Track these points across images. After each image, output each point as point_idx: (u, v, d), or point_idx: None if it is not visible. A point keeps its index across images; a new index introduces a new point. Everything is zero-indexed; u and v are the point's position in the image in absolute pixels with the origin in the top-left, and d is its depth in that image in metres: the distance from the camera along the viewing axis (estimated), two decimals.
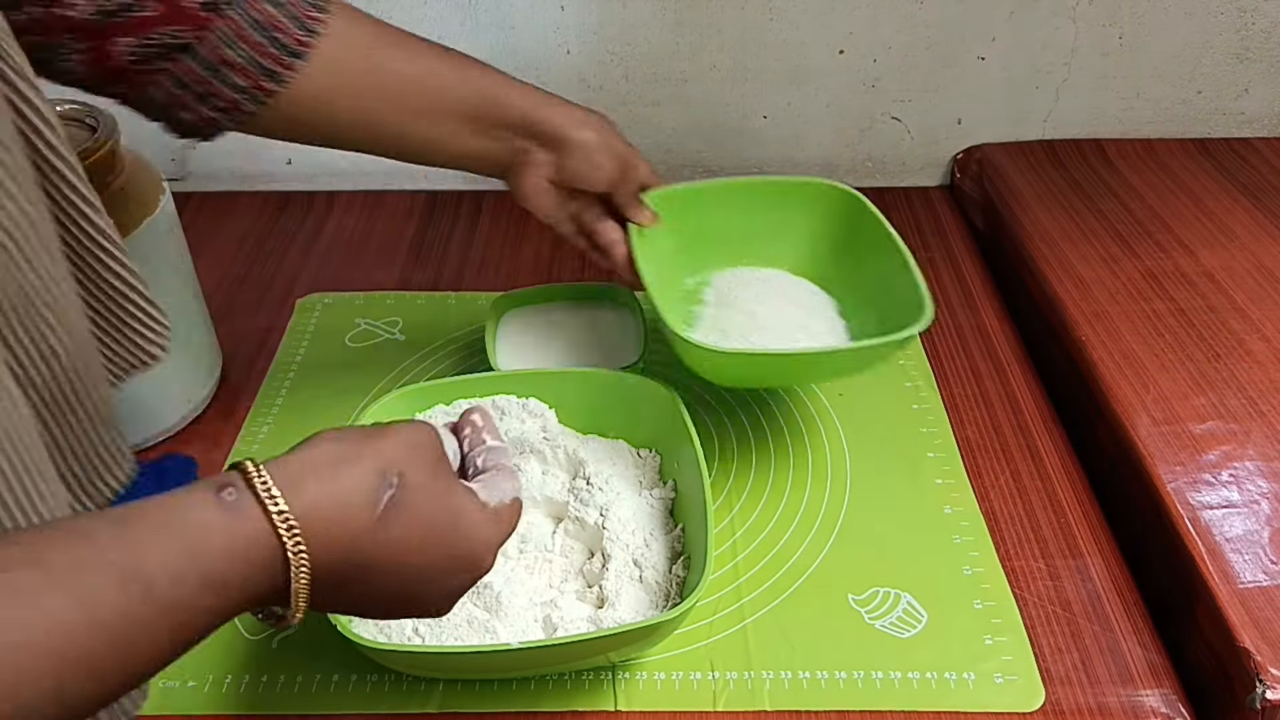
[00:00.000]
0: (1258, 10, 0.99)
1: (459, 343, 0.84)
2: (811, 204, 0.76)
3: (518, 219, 1.02)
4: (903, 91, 1.03)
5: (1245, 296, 0.82)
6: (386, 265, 0.95)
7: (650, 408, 0.69)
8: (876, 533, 0.68)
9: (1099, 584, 0.64)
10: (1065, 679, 0.59)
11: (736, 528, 0.68)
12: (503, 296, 0.80)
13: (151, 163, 0.72)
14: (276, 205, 1.04)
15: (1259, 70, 1.03)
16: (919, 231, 1.00)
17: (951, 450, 0.74)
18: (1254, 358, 0.76)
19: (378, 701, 0.58)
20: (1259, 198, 0.95)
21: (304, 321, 0.87)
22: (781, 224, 0.76)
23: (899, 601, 0.63)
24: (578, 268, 0.94)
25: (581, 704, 0.58)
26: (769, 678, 0.59)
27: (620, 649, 0.56)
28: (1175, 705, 0.57)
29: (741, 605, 0.63)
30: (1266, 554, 0.62)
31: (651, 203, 0.71)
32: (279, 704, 0.58)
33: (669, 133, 1.05)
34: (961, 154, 1.07)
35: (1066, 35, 1.00)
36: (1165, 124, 1.06)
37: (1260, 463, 0.68)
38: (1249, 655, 0.56)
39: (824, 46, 1.00)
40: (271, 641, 0.61)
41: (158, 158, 0.76)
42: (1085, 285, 0.84)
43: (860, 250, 0.74)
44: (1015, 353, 0.83)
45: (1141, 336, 0.78)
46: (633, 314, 0.80)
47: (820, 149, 1.07)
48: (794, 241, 0.77)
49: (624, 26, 0.98)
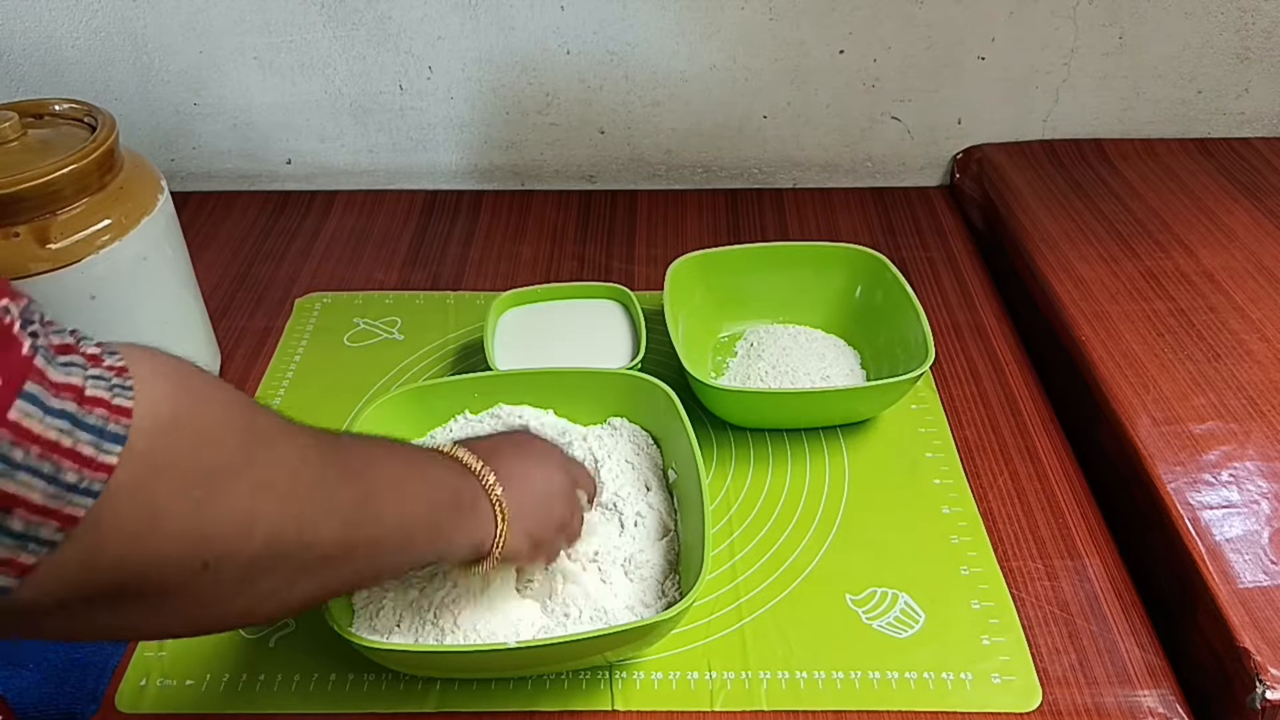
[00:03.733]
0: (1258, 10, 0.99)
1: (458, 342, 0.84)
2: (841, 266, 0.83)
3: (517, 219, 1.02)
4: (903, 91, 1.03)
5: (1245, 296, 0.82)
6: (385, 265, 0.95)
7: (649, 407, 0.69)
8: (874, 533, 0.68)
9: (1097, 584, 0.64)
10: (1063, 679, 0.59)
11: (734, 528, 0.68)
12: (502, 296, 0.80)
13: (150, 162, 0.72)
14: (276, 205, 1.04)
15: (1259, 70, 1.03)
16: (919, 232, 0.99)
17: (950, 450, 0.74)
18: (1254, 358, 0.76)
19: (375, 701, 0.58)
20: (1259, 198, 0.95)
21: (303, 321, 0.87)
22: (812, 284, 0.83)
23: (897, 601, 0.63)
24: (577, 268, 0.94)
25: (579, 704, 0.58)
26: (766, 678, 0.59)
27: (618, 649, 0.56)
28: (1173, 705, 0.57)
29: (739, 605, 0.63)
30: (1266, 554, 0.61)
31: (693, 264, 0.81)
32: (278, 703, 0.58)
33: (669, 133, 1.05)
34: (961, 154, 1.07)
35: (1066, 35, 1.00)
36: (1165, 124, 1.06)
37: (1260, 463, 0.68)
38: (1249, 655, 0.56)
39: (824, 46, 1.00)
40: (270, 641, 0.61)
41: (156, 157, 0.76)
42: (1085, 285, 0.84)
43: (881, 308, 0.80)
44: (1014, 353, 0.83)
45: (1141, 336, 0.78)
46: (631, 314, 0.80)
47: (820, 149, 1.07)
48: (823, 300, 0.84)
49: (624, 26, 0.98)
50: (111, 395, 0.30)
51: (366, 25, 0.98)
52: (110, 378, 0.31)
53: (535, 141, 1.06)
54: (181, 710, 0.57)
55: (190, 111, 1.04)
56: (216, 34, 0.99)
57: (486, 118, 1.04)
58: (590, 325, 0.79)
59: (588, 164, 1.08)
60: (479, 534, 0.50)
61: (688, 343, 0.77)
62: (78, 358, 0.30)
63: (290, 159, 1.07)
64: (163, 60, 1.00)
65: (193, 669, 0.59)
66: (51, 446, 0.28)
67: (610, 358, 0.76)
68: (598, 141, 1.06)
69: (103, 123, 0.66)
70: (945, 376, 0.81)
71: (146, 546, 0.32)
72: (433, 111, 1.04)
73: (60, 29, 0.98)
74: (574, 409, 0.70)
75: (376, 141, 1.06)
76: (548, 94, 1.03)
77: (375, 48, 1.00)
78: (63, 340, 0.31)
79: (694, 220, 1.01)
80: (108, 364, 0.31)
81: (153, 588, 0.33)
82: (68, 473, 0.29)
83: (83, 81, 1.01)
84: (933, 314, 0.87)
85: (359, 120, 1.05)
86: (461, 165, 1.08)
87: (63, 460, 0.29)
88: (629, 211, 1.02)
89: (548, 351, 0.77)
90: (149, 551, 0.32)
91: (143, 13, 0.97)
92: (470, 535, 0.50)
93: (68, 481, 0.29)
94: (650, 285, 0.89)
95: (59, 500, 0.29)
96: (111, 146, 0.65)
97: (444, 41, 1.00)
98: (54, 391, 0.29)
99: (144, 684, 0.58)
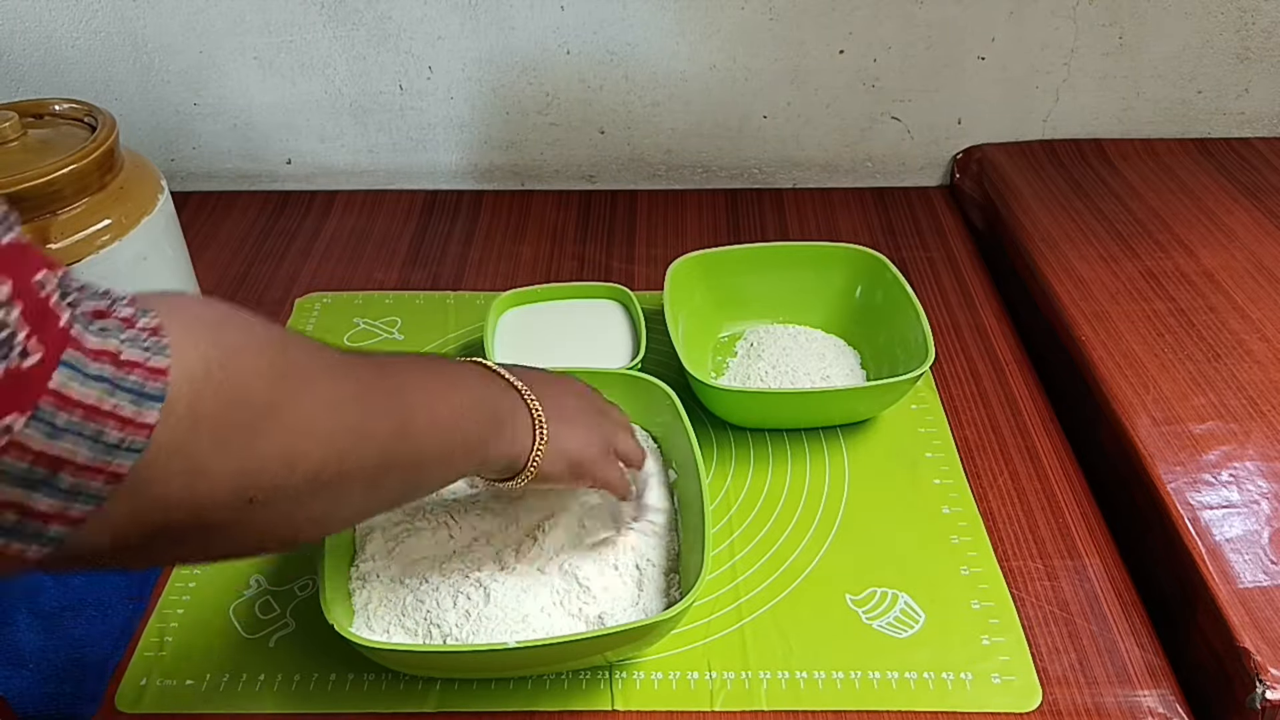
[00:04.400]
0: (1258, 10, 0.99)
1: (458, 342, 0.84)
2: (841, 266, 0.83)
3: (517, 219, 1.02)
4: (903, 91, 1.03)
5: (1245, 296, 0.82)
6: (385, 265, 0.95)
7: (649, 407, 0.69)
8: (874, 533, 0.68)
9: (1097, 584, 0.64)
10: (1063, 679, 0.59)
11: (734, 527, 0.68)
12: (502, 296, 0.80)
13: (150, 162, 0.72)
14: (276, 205, 1.04)
15: (1259, 70, 1.03)
16: (919, 232, 0.99)
17: (950, 450, 0.74)
18: (1254, 358, 0.76)
19: (375, 701, 0.58)
20: (1259, 198, 0.95)
21: (303, 321, 0.87)
22: (812, 284, 0.83)
23: (897, 601, 0.63)
24: (576, 268, 0.94)
25: (578, 704, 0.58)
26: (766, 678, 0.59)
27: (617, 649, 0.56)
28: (1173, 705, 0.57)
29: (739, 605, 0.63)
30: (1266, 554, 0.61)
31: (693, 264, 0.81)
32: (278, 703, 0.58)
33: (669, 133, 1.05)
34: (961, 154, 1.07)
35: (1066, 35, 1.00)
36: (1165, 124, 1.06)
37: (1260, 463, 0.68)
38: (1249, 655, 0.56)
39: (824, 46, 1.00)
40: (270, 641, 0.61)
41: (156, 157, 0.76)
42: (1085, 285, 0.84)
43: (881, 308, 0.80)
44: (1014, 353, 0.83)
45: (1141, 336, 0.78)
46: (631, 314, 0.80)
47: (820, 149, 1.07)
48: (823, 300, 0.84)
49: (624, 26, 0.98)
50: (147, 357, 0.32)
51: (366, 25, 0.98)
52: (145, 339, 0.32)
53: (535, 141, 1.06)
54: (181, 710, 0.57)
55: (190, 111, 1.04)
56: (216, 34, 0.99)
57: (486, 118, 1.04)
58: (590, 325, 0.79)
59: (588, 164, 1.08)
60: (516, 447, 0.52)
61: (688, 343, 0.77)
62: (113, 322, 0.32)
63: (290, 159, 1.07)
64: (163, 60, 1.00)
65: (193, 669, 0.59)
66: (93, 410, 0.30)
67: (610, 358, 0.76)
68: (598, 141, 1.06)
69: (103, 123, 0.66)
70: (945, 376, 0.81)
71: (192, 492, 0.34)
72: (433, 111, 1.04)
73: (60, 29, 0.98)
74: None
75: (376, 141, 1.06)
76: (548, 94, 1.03)
77: (375, 48, 1.00)
78: (97, 305, 0.32)
79: (694, 220, 1.01)
80: (141, 324, 0.32)
81: (204, 524, 0.35)
82: (110, 432, 0.30)
83: (83, 81, 1.01)
84: (933, 314, 0.87)
85: (359, 120, 1.05)
86: (461, 165, 1.08)
87: (105, 421, 0.30)
88: (629, 211, 1.02)
89: (548, 351, 0.77)
90: (196, 496, 0.34)
91: (143, 13, 0.97)
92: (508, 448, 0.52)
93: (110, 441, 0.31)
94: (650, 285, 0.89)
95: (104, 459, 0.31)
96: (111, 146, 0.65)
97: (444, 41, 1.00)
98: (92, 357, 0.30)
99: (144, 684, 0.58)
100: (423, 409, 0.46)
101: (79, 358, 0.30)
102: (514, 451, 0.52)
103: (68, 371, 0.30)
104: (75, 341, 0.30)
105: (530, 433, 0.53)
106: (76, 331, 0.30)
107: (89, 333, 0.31)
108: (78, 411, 0.30)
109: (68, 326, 0.30)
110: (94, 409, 0.30)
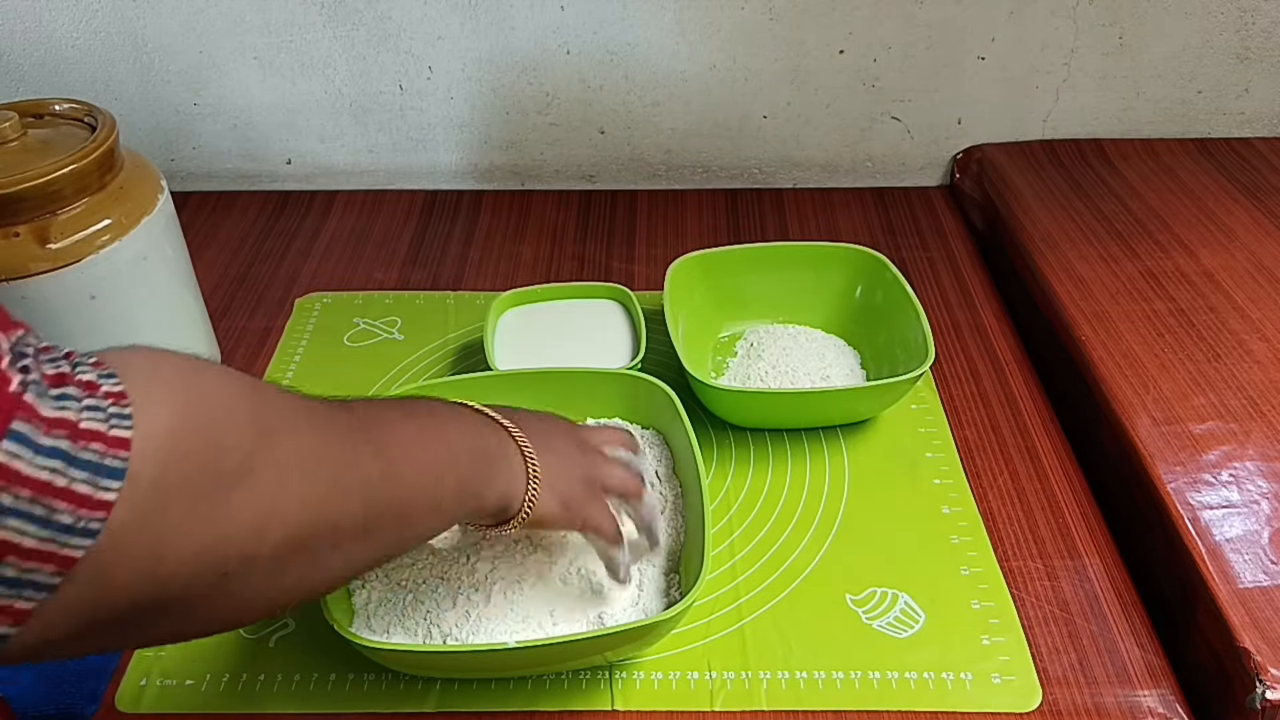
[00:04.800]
0: (1258, 10, 0.99)
1: (458, 342, 0.84)
2: (841, 266, 0.83)
3: (517, 219, 1.02)
4: (903, 91, 1.03)
5: (1245, 296, 0.82)
6: (385, 265, 0.95)
7: (649, 407, 0.69)
8: (874, 533, 0.68)
9: (1097, 584, 0.64)
10: (1063, 679, 0.59)
11: (734, 527, 0.68)
12: (502, 296, 0.80)
13: (150, 162, 0.72)
14: (276, 205, 1.04)
15: (1259, 70, 1.03)
16: (919, 232, 0.99)
17: (950, 450, 0.74)
18: (1254, 358, 0.76)
19: (375, 701, 0.58)
20: (1259, 198, 0.95)
21: (303, 321, 0.87)
22: (812, 284, 0.83)
23: (897, 601, 0.63)
24: (576, 268, 0.94)
25: (578, 704, 0.58)
26: (766, 678, 0.59)
27: (617, 649, 0.56)
28: (1173, 705, 0.57)
29: (739, 605, 0.63)
30: (1266, 554, 0.61)
31: (693, 264, 0.80)
32: (278, 703, 0.58)
33: (669, 133, 1.05)
34: (961, 154, 1.07)
35: (1066, 35, 1.00)
36: (1165, 124, 1.06)
37: (1260, 463, 0.68)
38: (1249, 655, 0.56)
39: (824, 46, 1.00)
40: (270, 641, 0.61)
41: (156, 157, 0.76)
42: (1085, 285, 0.84)
43: (881, 308, 0.80)
44: (1014, 353, 0.83)
45: (1141, 336, 0.78)
46: (631, 314, 0.80)
47: (820, 149, 1.07)
48: (823, 300, 0.84)
49: (624, 26, 0.98)
50: (108, 426, 0.29)
51: (366, 25, 0.98)
52: (107, 406, 0.30)
53: (535, 141, 1.06)
54: (181, 710, 0.57)
55: (190, 111, 1.04)
56: (216, 34, 0.99)
57: (486, 118, 1.04)
58: (590, 325, 0.79)
59: (588, 164, 1.08)
60: (511, 488, 0.50)
61: (688, 343, 0.77)
62: (72, 388, 0.29)
63: (290, 159, 1.07)
64: (163, 60, 1.00)
65: (193, 669, 0.59)
66: (43, 488, 0.27)
67: (610, 358, 0.76)
68: (598, 141, 1.06)
69: (103, 123, 0.66)
70: (945, 376, 0.81)
71: (159, 573, 0.31)
72: (433, 111, 1.04)
73: (60, 29, 0.98)
74: (574, 409, 0.70)
75: (376, 141, 1.06)
76: (548, 94, 1.03)
77: (375, 48, 1.00)
78: (57, 370, 0.29)
79: (694, 220, 1.01)
80: (104, 390, 0.30)
81: (175, 604, 0.33)
82: (62, 514, 0.28)
83: (83, 81, 1.01)
84: (933, 314, 0.87)
85: (359, 120, 1.05)
86: (461, 165, 1.08)
87: (56, 501, 0.28)
88: (629, 211, 1.02)
89: (548, 351, 0.77)
90: (162, 576, 0.31)
91: (143, 13, 0.97)
92: (504, 488, 0.50)
93: (62, 523, 0.28)
94: (650, 285, 0.89)
95: (53, 543, 0.28)
96: (111, 146, 0.65)
97: (444, 41, 1.00)
98: (46, 428, 0.28)
99: (144, 684, 0.58)
100: (406, 458, 0.44)
101: (31, 428, 0.27)
102: (510, 491, 0.50)
103: (16, 444, 0.27)
104: (29, 409, 0.27)
105: (523, 472, 0.51)
106: (30, 398, 0.28)
107: (44, 400, 0.28)
108: (25, 490, 0.27)
109: (19, 392, 0.27)
110: (45, 486, 0.27)
